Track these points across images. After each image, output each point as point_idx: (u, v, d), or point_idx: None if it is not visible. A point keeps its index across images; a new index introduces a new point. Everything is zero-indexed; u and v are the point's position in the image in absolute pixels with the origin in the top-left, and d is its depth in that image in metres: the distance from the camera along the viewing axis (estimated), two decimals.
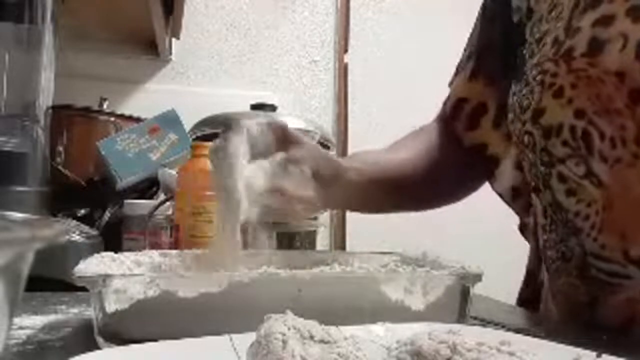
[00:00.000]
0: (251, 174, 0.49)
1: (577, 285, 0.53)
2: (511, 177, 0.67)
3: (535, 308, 0.62)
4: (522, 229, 0.68)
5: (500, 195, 0.69)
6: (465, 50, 0.71)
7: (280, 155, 0.52)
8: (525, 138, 0.55)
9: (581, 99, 0.50)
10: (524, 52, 0.59)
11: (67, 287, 0.50)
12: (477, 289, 0.44)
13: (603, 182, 0.49)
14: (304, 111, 1.61)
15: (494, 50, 0.67)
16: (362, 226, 1.61)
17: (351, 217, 1.64)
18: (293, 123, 0.95)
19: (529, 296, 0.64)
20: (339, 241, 1.63)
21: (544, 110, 0.53)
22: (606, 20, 0.49)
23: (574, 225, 0.52)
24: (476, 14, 0.71)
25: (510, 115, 0.58)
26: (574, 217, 0.52)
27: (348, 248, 1.60)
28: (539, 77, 0.54)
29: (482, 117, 0.67)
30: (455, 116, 0.69)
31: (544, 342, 0.35)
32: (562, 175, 0.52)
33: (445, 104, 0.72)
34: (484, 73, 0.67)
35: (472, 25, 0.71)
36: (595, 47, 0.50)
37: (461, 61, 0.71)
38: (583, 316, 0.53)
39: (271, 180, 0.50)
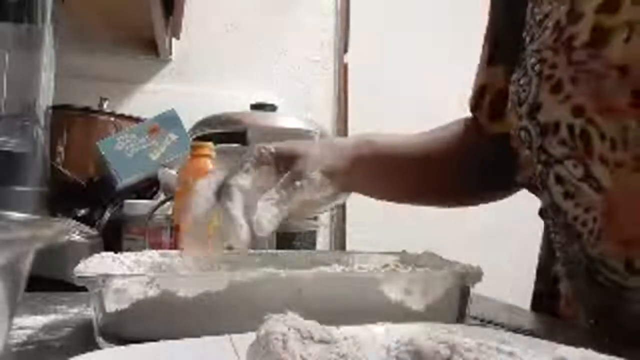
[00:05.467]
0: (260, 214, 0.48)
1: (589, 292, 0.49)
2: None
3: (551, 303, 0.59)
4: (542, 213, 0.62)
5: (523, 186, 0.64)
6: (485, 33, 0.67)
7: (285, 177, 0.51)
8: (522, 134, 0.51)
9: (580, 96, 0.46)
10: (524, 35, 0.55)
11: (67, 287, 0.50)
12: (477, 289, 0.44)
13: (603, 187, 0.45)
14: (304, 111, 1.61)
15: (508, 33, 0.61)
16: (362, 226, 1.61)
17: (351, 217, 1.64)
18: (293, 123, 0.96)
19: (543, 289, 0.61)
20: (339, 241, 1.63)
21: (540, 105, 0.49)
22: (611, 6, 0.44)
23: (574, 230, 0.48)
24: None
25: (509, 105, 0.54)
26: (573, 221, 0.48)
27: (348, 248, 1.60)
28: (537, 67, 0.49)
29: (504, 104, 0.62)
30: (478, 105, 0.65)
31: (544, 342, 0.35)
32: (559, 177, 0.48)
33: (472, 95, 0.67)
34: (502, 58, 0.63)
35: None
36: (598, 36, 0.45)
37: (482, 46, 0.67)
38: (604, 322, 0.49)
39: (282, 209, 0.49)
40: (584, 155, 0.46)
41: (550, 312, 0.59)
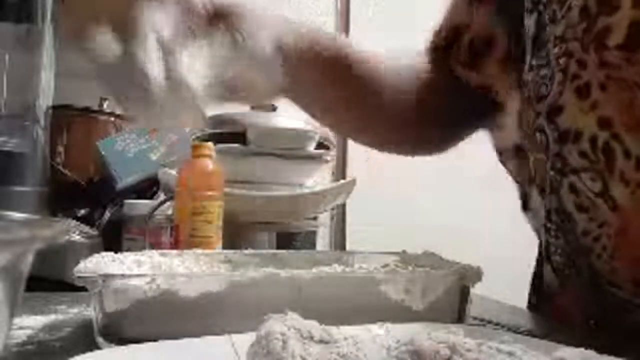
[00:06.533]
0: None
1: (590, 299, 0.47)
2: (515, 136, 0.55)
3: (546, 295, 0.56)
4: (525, 206, 0.58)
5: (500, 155, 0.58)
6: None
7: (220, 32, 0.39)
8: (537, 135, 0.46)
9: (609, 106, 0.41)
10: (541, 8, 0.47)
11: (67, 287, 0.50)
12: (477, 289, 0.44)
13: (619, 206, 0.42)
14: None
15: None
16: (362, 226, 1.61)
17: (351, 217, 1.64)
18: (293, 123, 0.96)
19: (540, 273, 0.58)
20: (339, 241, 1.63)
21: (562, 109, 0.44)
22: None
23: (584, 244, 0.45)
24: None
25: (525, 93, 0.48)
26: (583, 235, 0.45)
27: (348, 248, 1.60)
28: (562, 60, 0.43)
29: (486, 53, 0.55)
30: (448, 44, 0.57)
31: (544, 342, 0.35)
32: (574, 187, 0.44)
33: (439, 31, 0.59)
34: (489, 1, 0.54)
35: None
36: (635, 37, 0.39)
37: None
38: (605, 324, 0.47)
39: (220, 71, 0.38)
40: (604, 171, 0.42)
41: (546, 302, 0.57)
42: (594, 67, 0.42)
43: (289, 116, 1.06)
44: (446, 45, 0.58)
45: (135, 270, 0.46)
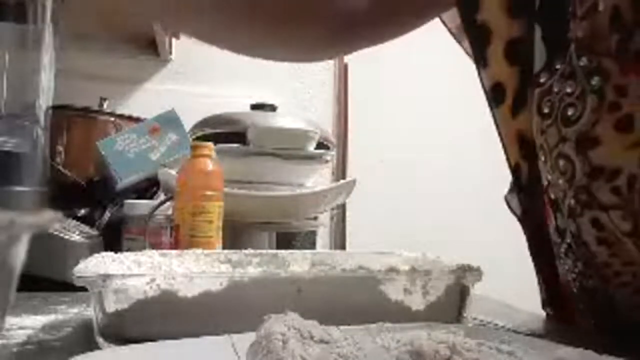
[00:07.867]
0: None
1: (604, 323, 0.45)
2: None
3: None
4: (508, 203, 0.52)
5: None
6: None
7: None
8: (561, 163, 0.41)
9: None
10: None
11: (67, 287, 0.50)
12: (477, 289, 0.44)
13: None
14: (304, 111, 1.61)
15: None
16: (362, 226, 1.61)
17: (351, 217, 1.64)
18: (293, 123, 0.96)
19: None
20: (339, 241, 1.63)
21: (597, 141, 0.38)
22: None
23: (601, 272, 0.42)
24: None
25: (545, 106, 0.42)
26: (604, 267, 0.41)
27: (348, 248, 1.60)
28: (595, 80, 0.37)
29: None
30: None
31: (544, 342, 0.35)
32: (598, 222, 0.40)
33: None
34: None
35: None
36: None
37: None
38: (604, 324, 0.46)
39: None
40: (639, 212, 0.38)
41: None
42: (635, 95, 0.36)
43: (289, 116, 1.07)
44: None
45: (135, 270, 0.46)
